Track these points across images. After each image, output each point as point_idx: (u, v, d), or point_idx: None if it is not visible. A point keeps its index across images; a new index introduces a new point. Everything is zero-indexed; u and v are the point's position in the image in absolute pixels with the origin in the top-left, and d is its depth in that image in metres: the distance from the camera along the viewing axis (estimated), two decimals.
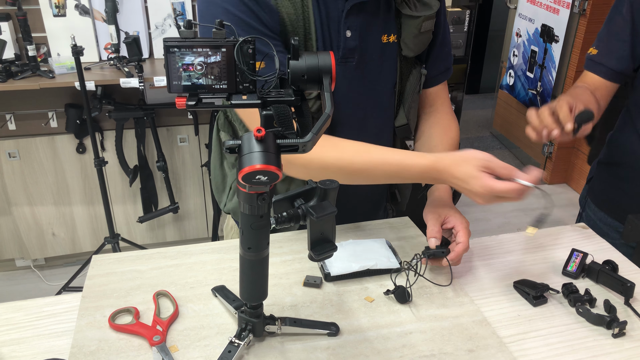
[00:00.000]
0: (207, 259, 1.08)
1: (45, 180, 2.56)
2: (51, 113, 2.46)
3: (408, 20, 1.09)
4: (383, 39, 1.10)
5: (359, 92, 1.11)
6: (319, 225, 0.80)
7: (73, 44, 2.00)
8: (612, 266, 1.06)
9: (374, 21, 1.08)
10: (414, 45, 1.11)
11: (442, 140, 1.19)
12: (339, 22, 1.04)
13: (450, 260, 1.01)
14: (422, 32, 1.10)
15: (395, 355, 0.86)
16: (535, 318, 0.95)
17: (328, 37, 1.05)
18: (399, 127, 1.21)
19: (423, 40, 1.12)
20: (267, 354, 0.85)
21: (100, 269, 1.05)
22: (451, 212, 1.07)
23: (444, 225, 1.06)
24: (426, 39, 1.13)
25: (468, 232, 1.04)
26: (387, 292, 0.98)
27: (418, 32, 1.09)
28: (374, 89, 1.13)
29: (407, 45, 1.12)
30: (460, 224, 1.04)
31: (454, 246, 1.03)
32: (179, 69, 0.67)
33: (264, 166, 0.63)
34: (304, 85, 0.70)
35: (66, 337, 0.89)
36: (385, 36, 1.10)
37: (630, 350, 0.89)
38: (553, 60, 3.52)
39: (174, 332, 0.90)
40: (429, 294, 0.99)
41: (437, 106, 1.25)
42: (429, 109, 1.25)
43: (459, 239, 1.02)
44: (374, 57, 1.10)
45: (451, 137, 1.21)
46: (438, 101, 1.25)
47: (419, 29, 1.09)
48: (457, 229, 1.04)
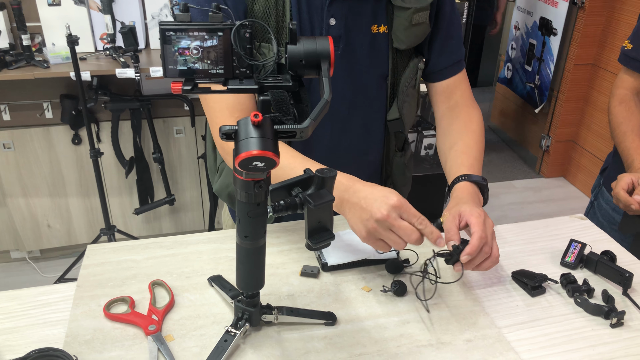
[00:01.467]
0: (204, 248, 1.07)
1: (41, 172, 2.54)
2: (46, 104, 2.44)
3: (398, 12, 1.06)
4: (373, 29, 1.08)
5: (345, 82, 1.09)
6: (316, 214, 0.79)
7: (68, 34, 1.98)
8: (610, 256, 1.05)
9: (362, 10, 1.05)
10: (406, 37, 1.08)
11: (461, 135, 1.14)
12: (322, 9, 1.03)
13: (466, 255, 0.89)
14: (414, 24, 1.06)
15: (392, 344, 0.85)
16: (533, 308, 0.95)
17: (308, 24, 1.03)
18: (391, 120, 1.18)
19: (416, 32, 1.08)
20: (264, 343, 0.85)
21: (95, 258, 1.04)
22: (465, 207, 0.96)
23: (461, 224, 0.95)
24: (420, 32, 1.09)
25: (483, 222, 0.92)
26: (384, 290, 0.96)
27: (409, 24, 1.06)
28: (362, 80, 1.11)
29: (398, 37, 1.08)
30: (471, 215, 0.93)
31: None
32: (174, 53, 0.66)
33: (261, 152, 0.62)
34: (302, 70, 0.69)
35: (60, 326, 0.88)
36: (375, 26, 1.07)
37: (628, 340, 0.88)
38: (551, 53, 3.51)
39: (169, 321, 0.89)
40: (427, 283, 0.98)
41: (456, 99, 1.19)
42: (448, 103, 1.19)
43: (473, 229, 0.91)
44: (362, 48, 1.08)
45: (472, 130, 1.15)
46: (457, 93, 1.19)
47: (410, 21, 1.06)
48: (469, 221, 0.93)
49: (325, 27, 1.03)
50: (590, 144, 3.54)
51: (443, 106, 1.20)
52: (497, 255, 0.92)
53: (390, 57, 1.11)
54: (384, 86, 1.14)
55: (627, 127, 1.42)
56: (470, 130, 1.15)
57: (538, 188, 3.71)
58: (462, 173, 1.05)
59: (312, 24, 1.03)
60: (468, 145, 1.12)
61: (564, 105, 3.54)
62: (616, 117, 1.46)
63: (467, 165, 1.07)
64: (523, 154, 4.04)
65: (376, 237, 0.89)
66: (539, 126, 3.81)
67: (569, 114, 3.58)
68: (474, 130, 1.15)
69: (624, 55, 1.45)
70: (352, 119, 1.14)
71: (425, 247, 0.96)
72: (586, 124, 3.56)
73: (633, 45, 1.42)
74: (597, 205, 1.61)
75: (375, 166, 1.25)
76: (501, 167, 3.96)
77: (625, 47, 1.44)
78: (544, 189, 3.70)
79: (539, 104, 3.70)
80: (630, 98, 1.45)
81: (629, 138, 1.41)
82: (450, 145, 1.14)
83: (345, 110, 1.12)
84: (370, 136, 1.20)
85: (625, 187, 1.25)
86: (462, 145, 1.12)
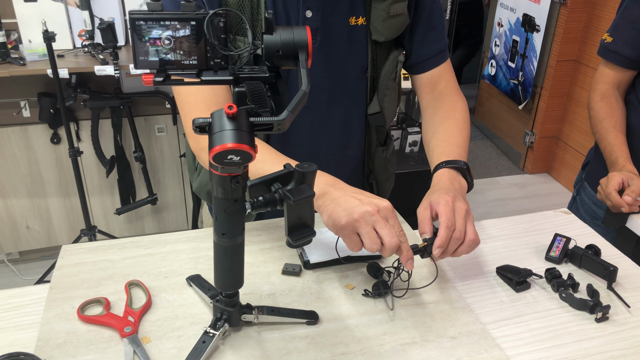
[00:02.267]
0: (182, 247, 1.04)
1: (19, 172, 2.49)
2: (23, 102, 2.38)
3: (376, 3, 1.04)
4: (351, 21, 1.05)
5: (323, 76, 1.07)
6: (296, 210, 0.77)
7: (44, 30, 1.94)
8: (595, 251, 1.04)
9: (339, 2, 1.03)
10: (384, 29, 1.05)
11: (443, 123, 1.11)
12: (298, 1, 1.00)
13: (437, 248, 0.87)
14: (392, 15, 1.04)
15: (376, 343, 0.83)
16: (518, 304, 0.94)
17: (284, 16, 1.00)
18: (372, 114, 1.16)
19: (394, 24, 1.06)
20: (244, 344, 0.82)
21: (70, 259, 1.01)
22: (434, 195, 0.92)
23: (432, 214, 0.92)
24: (398, 23, 1.07)
25: (451, 209, 0.89)
26: (365, 294, 0.93)
27: (387, 15, 1.04)
28: (341, 73, 1.09)
29: (376, 29, 1.06)
30: (439, 204, 0.90)
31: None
32: (145, 43, 0.63)
33: (236, 145, 0.60)
34: (279, 61, 0.67)
35: (32, 330, 0.85)
36: (353, 18, 1.05)
37: (614, 335, 0.88)
38: (534, 49, 3.52)
39: (146, 322, 0.86)
40: (410, 281, 0.97)
41: (440, 89, 1.17)
42: (432, 94, 1.18)
43: (440, 218, 0.89)
44: (340, 40, 1.06)
45: (455, 118, 1.12)
46: (441, 84, 1.18)
47: (388, 12, 1.04)
48: (437, 210, 0.90)
49: (302, 19, 1.01)
50: (573, 139, 3.56)
51: (427, 97, 1.18)
52: (473, 238, 0.89)
53: (369, 50, 1.09)
54: (364, 79, 1.12)
55: (610, 123, 1.42)
56: (452, 118, 1.12)
57: (522, 184, 3.72)
58: (441, 161, 1.03)
59: (287, 16, 1.01)
60: (449, 132, 1.10)
61: (548, 101, 3.56)
62: (598, 113, 1.46)
63: (447, 152, 1.04)
64: (507, 151, 4.06)
65: (354, 229, 0.83)
66: (523, 122, 3.82)
67: (552, 110, 3.60)
68: (456, 118, 1.12)
69: (603, 48, 1.45)
70: (331, 113, 1.12)
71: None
72: (569, 120, 3.58)
73: (613, 38, 1.42)
74: (579, 200, 1.61)
75: (356, 161, 1.23)
76: (485, 163, 3.97)
77: (605, 40, 1.44)
78: (528, 185, 3.72)
79: (522, 101, 3.71)
80: (611, 93, 1.45)
81: (612, 134, 1.41)
82: (432, 134, 1.12)
83: (325, 104, 1.10)
84: (351, 131, 1.17)
85: (617, 187, 1.25)
86: (443, 133, 1.10)
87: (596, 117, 1.46)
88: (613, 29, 1.43)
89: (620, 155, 1.35)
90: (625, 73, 1.43)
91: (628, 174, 1.29)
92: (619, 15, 1.43)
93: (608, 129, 1.42)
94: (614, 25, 1.43)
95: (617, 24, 1.42)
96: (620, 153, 1.36)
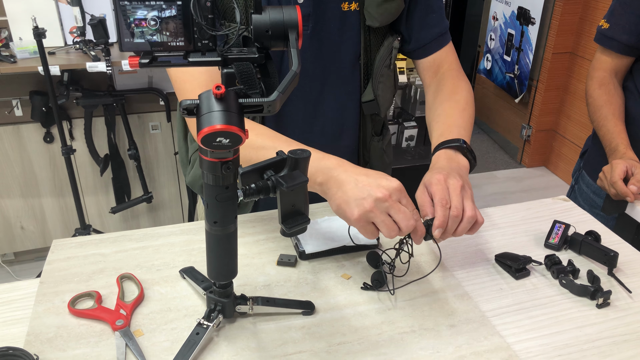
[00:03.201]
0: (175, 240, 1.02)
1: (12, 172, 2.46)
2: (15, 101, 2.36)
3: None
4: (343, 7, 1.03)
5: (315, 63, 1.05)
6: (289, 197, 0.75)
7: (34, 26, 1.91)
8: (595, 237, 1.03)
9: None
10: (379, 14, 1.03)
11: (443, 106, 1.08)
12: None
13: (437, 229, 0.84)
14: (386, 0, 1.02)
15: (373, 332, 0.81)
16: (517, 291, 0.92)
17: (277, 3, 0.98)
18: (366, 102, 1.14)
19: (389, 9, 1.03)
20: (239, 335, 0.80)
21: (61, 253, 0.99)
22: (427, 176, 0.90)
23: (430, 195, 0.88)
24: (393, 8, 1.04)
25: (444, 187, 0.86)
26: (365, 287, 0.90)
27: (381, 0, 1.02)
28: (333, 60, 1.07)
29: (370, 14, 1.03)
30: (431, 184, 0.87)
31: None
32: (130, 24, 0.61)
33: (224, 126, 0.58)
34: (268, 42, 0.65)
35: (21, 325, 0.83)
36: (345, 4, 1.03)
37: (615, 320, 0.86)
38: (530, 42, 3.51)
39: (138, 316, 0.84)
40: (414, 269, 0.95)
41: (443, 72, 1.14)
42: (435, 77, 1.15)
43: (434, 197, 0.85)
44: (332, 27, 1.03)
45: (456, 100, 1.08)
46: (444, 66, 1.14)
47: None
48: (430, 190, 0.87)
49: (293, 4, 0.99)
50: (570, 132, 3.55)
51: (430, 81, 1.16)
52: (472, 214, 0.85)
53: (362, 36, 1.07)
54: (357, 66, 1.10)
55: (608, 110, 1.41)
56: (453, 100, 1.09)
57: (520, 178, 3.71)
58: (439, 142, 1.00)
59: (279, 2, 0.99)
60: (449, 113, 1.06)
61: (544, 94, 3.54)
62: (596, 100, 1.44)
63: (445, 134, 1.01)
64: (504, 144, 4.05)
65: (369, 220, 0.81)
66: (520, 116, 3.81)
67: (549, 103, 3.59)
68: (457, 100, 1.09)
69: (600, 35, 1.43)
70: (324, 101, 1.10)
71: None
72: (566, 113, 3.57)
73: (610, 24, 1.40)
74: (577, 189, 1.60)
75: (351, 151, 1.21)
76: (482, 157, 3.96)
77: (602, 27, 1.43)
78: (526, 179, 3.71)
79: (518, 94, 3.70)
80: (609, 81, 1.44)
81: (611, 122, 1.39)
82: (433, 117, 1.09)
83: (317, 92, 1.08)
84: (345, 119, 1.15)
85: (622, 175, 1.23)
86: (443, 115, 1.06)
87: (594, 104, 1.44)
88: (610, 15, 1.42)
89: (621, 143, 1.34)
90: (622, 59, 1.41)
91: (631, 161, 1.27)
92: (615, 1, 1.42)
93: (607, 116, 1.40)
94: (610, 11, 1.42)
95: (614, 10, 1.41)
96: (621, 140, 1.34)
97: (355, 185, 0.82)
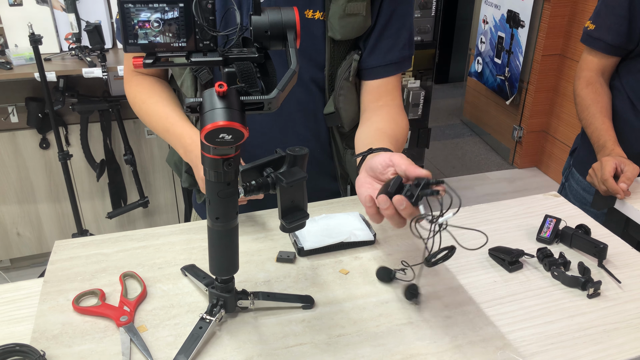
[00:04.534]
0: (176, 239, 1.04)
1: (8, 178, 2.47)
2: (11, 107, 2.37)
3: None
4: (307, 14, 1.01)
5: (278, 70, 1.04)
6: (289, 193, 0.77)
7: (31, 33, 1.93)
8: (585, 230, 1.06)
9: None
10: (340, 27, 1.01)
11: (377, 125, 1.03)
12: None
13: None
14: (348, 14, 0.99)
15: (372, 324, 0.84)
16: (511, 283, 0.95)
17: (237, 2, 0.97)
18: (327, 114, 1.12)
19: (351, 23, 1.01)
20: (240, 330, 0.82)
21: (63, 253, 1.00)
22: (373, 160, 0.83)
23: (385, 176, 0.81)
24: (355, 23, 1.01)
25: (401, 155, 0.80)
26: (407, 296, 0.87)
27: (343, 12, 0.99)
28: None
29: (332, 26, 1.01)
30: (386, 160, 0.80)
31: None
32: (134, 26, 0.64)
33: (227, 123, 0.60)
34: (267, 42, 0.68)
35: (27, 323, 0.84)
36: (310, 11, 1.01)
37: (606, 310, 0.89)
38: (520, 45, 3.56)
39: (142, 312, 0.86)
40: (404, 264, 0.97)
41: (383, 104, 1.10)
42: (374, 103, 1.11)
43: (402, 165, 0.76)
44: None
45: (392, 129, 1.03)
46: (387, 97, 1.11)
47: (344, 10, 0.99)
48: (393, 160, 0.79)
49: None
50: (561, 133, 3.60)
51: (367, 106, 1.11)
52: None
53: (327, 47, 1.05)
54: (322, 77, 1.09)
55: (596, 108, 1.44)
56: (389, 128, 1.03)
57: (512, 179, 3.75)
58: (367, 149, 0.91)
59: (239, 2, 0.97)
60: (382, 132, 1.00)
61: (534, 95, 3.59)
62: (584, 99, 1.47)
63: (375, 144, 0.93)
64: (496, 146, 4.09)
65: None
66: (511, 118, 3.86)
67: (539, 105, 3.64)
68: (393, 129, 1.04)
69: (586, 36, 1.47)
70: (291, 107, 1.09)
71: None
72: (556, 114, 3.62)
73: (595, 25, 1.44)
74: (568, 186, 1.63)
75: (326, 167, 1.20)
76: (474, 159, 4.00)
77: (588, 28, 1.46)
78: (518, 180, 3.75)
79: (509, 96, 3.75)
80: (596, 80, 1.47)
81: (599, 119, 1.42)
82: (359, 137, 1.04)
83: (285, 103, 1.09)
84: (314, 132, 1.13)
85: (613, 172, 1.26)
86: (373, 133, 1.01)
87: (582, 103, 1.47)
88: (595, 16, 1.45)
89: (609, 139, 1.37)
90: (608, 59, 1.45)
91: (620, 158, 1.30)
92: (600, 3, 1.45)
93: (595, 114, 1.43)
94: (596, 13, 1.46)
95: (599, 11, 1.44)
96: (609, 137, 1.38)
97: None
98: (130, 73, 1.14)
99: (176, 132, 1.06)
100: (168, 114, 1.08)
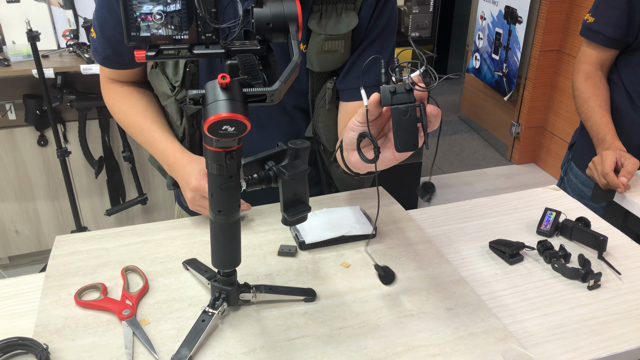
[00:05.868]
0: (177, 234, 1.04)
1: (6, 176, 2.46)
2: (9, 105, 2.36)
3: (313, 35, 1.00)
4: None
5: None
6: (291, 185, 0.78)
7: (28, 29, 1.92)
8: (585, 222, 1.06)
9: None
10: (317, 62, 1.02)
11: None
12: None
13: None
14: (326, 50, 1.00)
15: (373, 316, 0.84)
16: (512, 275, 0.95)
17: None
18: (308, 138, 1.13)
19: (328, 59, 1.02)
20: (243, 322, 0.83)
21: (64, 248, 1.01)
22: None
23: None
24: (333, 60, 1.02)
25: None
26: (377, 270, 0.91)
27: (321, 49, 1.00)
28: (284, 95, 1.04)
29: (310, 59, 1.02)
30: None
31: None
32: (136, 19, 0.64)
33: (230, 115, 0.60)
34: (270, 34, 0.67)
35: (29, 317, 0.85)
36: None
37: (606, 301, 0.89)
38: (517, 41, 3.56)
39: (144, 306, 0.86)
40: (405, 257, 0.98)
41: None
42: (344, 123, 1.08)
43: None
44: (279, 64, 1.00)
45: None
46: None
47: (322, 47, 1.00)
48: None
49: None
50: (558, 129, 3.60)
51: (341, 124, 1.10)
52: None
53: (308, 76, 1.06)
54: (305, 102, 1.10)
55: (595, 102, 1.44)
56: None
57: (510, 175, 3.76)
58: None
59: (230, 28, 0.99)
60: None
61: (532, 91, 3.60)
62: (583, 92, 1.48)
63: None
64: (494, 142, 4.10)
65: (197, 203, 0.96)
66: (509, 114, 3.86)
67: (537, 100, 3.64)
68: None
69: (586, 29, 1.47)
70: (275, 127, 1.11)
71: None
72: (554, 110, 3.62)
73: (595, 18, 1.44)
74: (566, 180, 1.64)
75: (314, 177, 1.21)
76: (473, 155, 4.00)
77: (587, 20, 1.46)
78: (516, 175, 3.75)
79: (507, 92, 3.75)
80: (595, 73, 1.47)
81: (598, 113, 1.43)
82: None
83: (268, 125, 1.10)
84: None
85: (613, 166, 1.27)
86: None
87: (581, 97, 1.48)
88: (595, 9, 1.46)
89: (608, 133, 1.38)
90: (607, 52, 1.45)
91: (620, 152, 1.31)
92: None
93: (594, 108, 1.44)
94: (595, 6, 1.46)
95: (599, 4, 1.44)
96: (608, 131, 1.38)
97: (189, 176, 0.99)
98: (106, 82, 1.13)
99: (159, 147, 1.07)
100: (149, 127, 1.08)
